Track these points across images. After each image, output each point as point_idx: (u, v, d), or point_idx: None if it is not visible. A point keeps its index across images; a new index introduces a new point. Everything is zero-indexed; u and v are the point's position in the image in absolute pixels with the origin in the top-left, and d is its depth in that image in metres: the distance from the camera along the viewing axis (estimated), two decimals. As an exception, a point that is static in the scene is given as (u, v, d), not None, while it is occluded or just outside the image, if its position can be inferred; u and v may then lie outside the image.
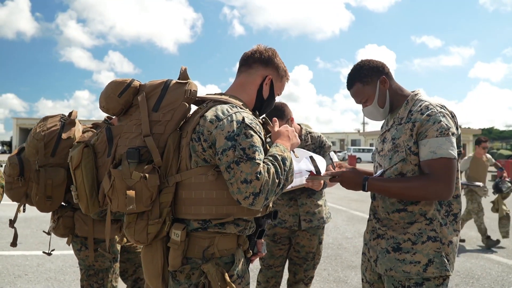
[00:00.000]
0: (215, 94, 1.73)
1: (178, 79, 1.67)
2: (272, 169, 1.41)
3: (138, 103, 1.59)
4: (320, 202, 2.89)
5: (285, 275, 3.02)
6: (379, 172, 1.88)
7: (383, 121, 2.05)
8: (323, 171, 2.53)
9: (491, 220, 8.03)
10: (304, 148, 2.87)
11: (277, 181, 1.42)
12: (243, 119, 1.47)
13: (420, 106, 1.79)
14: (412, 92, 1.93)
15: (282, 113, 2.77)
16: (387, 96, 1.91)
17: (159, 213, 1.50)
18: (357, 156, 38.18)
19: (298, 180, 2.61)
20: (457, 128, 1.77)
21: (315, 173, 2.04)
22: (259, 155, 1.41)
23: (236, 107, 1.55)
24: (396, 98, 1.91)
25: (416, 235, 1.75)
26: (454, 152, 1.68)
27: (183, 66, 1.70)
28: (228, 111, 1.50)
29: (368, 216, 2.02)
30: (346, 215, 8.48)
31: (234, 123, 1.45)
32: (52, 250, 2.62)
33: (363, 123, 69.25)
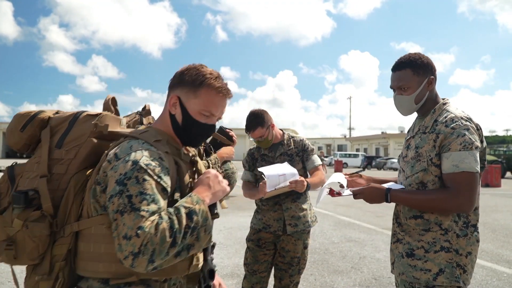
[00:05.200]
0: (141, 126, 1.52)
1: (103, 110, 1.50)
2: (164, 225, 1.13)
3: None
4: (304, 206, 2.88)
5: (271, 281, 3.00)
6: (399, 186, 1.92)
7: (411, 125, 2.05)
8: (296, 178, 2.66)
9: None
10: (287, 152, 2.96)
11: (169, 240, 1.13)
12: (140, 159, 1.22)
13: (445, 117, 1.79)
14: (442, 99, 1.93)
15: (262, 120, 2.83)
16: (425, 96, 1.89)
17: (49, 268, 1.28)
18: (343, 161, 38.41)
19: (282, 184, 2.63)
20: (482, 141, 1.79)
21: (334, 189, 2.01)
22: (148, 205, 1.15)
23: (145, 143, 1.30)
24: (430, 102, 1.91)
25: (430, 243, 1.79)
26: (477, 167, 1.70)
27: (110, 95, 1.54)
28: (130, 149, 1.26)
29: (353, 221, 2.03)
30: (332, 220, 8.48)
31: (129, 163, 1.20)
32: None
33: (350, 129, 69.80)
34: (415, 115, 2.02)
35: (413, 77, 1.86)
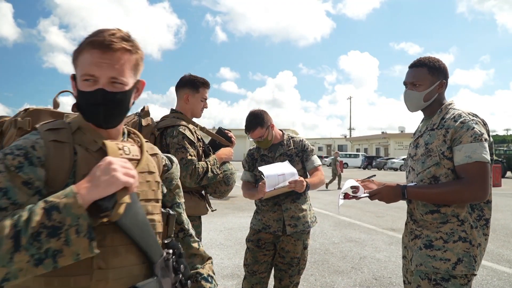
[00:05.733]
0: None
1: None
2: (6, 223, 0.91)
3: None
4: (304, 207, 2.88)
5: (271, 282, 3.00)
6: (412, 183, 1.97)
7: (417, 127, 2.13)
8: (296, 178, 2.68)
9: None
10: (287, 152, 2.96)
11: (8, 241, 0.89)
12: (5, 150, 1.06)
13: (453, 114, 1.89)
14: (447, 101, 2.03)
15: (261, 121, 2.85)
16: (434, 97, 2.00)
17: None
18: (343, 161, 38.37)
19: (282, 183, 2.63)
20: (489, 136, 1.86)
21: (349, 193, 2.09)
22: None
23: (34, 132, 1.14)
24: (437, 104, 2.01)
25: (448, 234, 1.85)
26: (488, 157, 1.78)
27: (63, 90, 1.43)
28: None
29: (354, 222, 2.04)
30: (333, 220, 8.48)
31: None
32: None
33: (350, 129, 69.83)
34: (420, 116, 2.12)
35: (427, 75, 1.98)
